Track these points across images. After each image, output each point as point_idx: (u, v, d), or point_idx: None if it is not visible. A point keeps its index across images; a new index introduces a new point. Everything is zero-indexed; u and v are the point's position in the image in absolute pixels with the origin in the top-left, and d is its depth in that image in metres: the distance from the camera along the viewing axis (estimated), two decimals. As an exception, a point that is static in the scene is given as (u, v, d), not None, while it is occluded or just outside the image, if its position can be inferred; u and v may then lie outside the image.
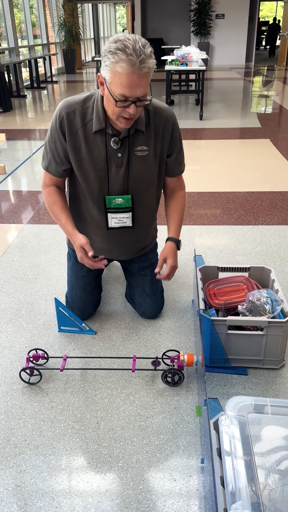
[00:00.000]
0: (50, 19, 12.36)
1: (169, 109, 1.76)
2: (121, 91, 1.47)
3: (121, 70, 1.43)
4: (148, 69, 1.47)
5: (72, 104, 1.66)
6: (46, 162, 1.78)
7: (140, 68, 1.43)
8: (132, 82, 1.45)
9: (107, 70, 1.47)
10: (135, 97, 1.49)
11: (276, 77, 11.80)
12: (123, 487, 1.35)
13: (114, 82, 1.47)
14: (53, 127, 1.69)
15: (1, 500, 1.31)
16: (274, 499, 1.07)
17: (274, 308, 1.78)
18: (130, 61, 1.41)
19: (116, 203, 1.81)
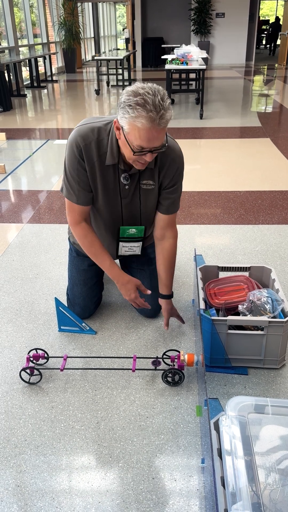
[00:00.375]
0: (50, 18, 12.35)
1: (178, 150, 1.76)
2: (139, 143, 1.50)
3: (140, 125, 1.45)
4: (166, 122, 1.49)
5: (88, 134, 1.65)
6: (75, 195, 1.73)
7: (159, 124, 1.45)
8: (151, 136, 1.48)
9: (125, 121, 1.48)
10: (152, 147, 1.52)
11: (277, 76, 11.79)
12: (124, 487, 1.35)
13: (132, 134, 1.50)
14: (72, 156, 1.67)
15: (1, 500, 1.31)
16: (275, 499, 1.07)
17: (274, 307, 1.77)
18: (150, 118, 1.43)
19: (129, 233, 1.88)
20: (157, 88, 1.46)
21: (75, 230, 1.81)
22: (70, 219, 1.80)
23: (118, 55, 9.34)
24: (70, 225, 1.83)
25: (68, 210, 1.80)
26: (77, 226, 1.80)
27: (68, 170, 1.71)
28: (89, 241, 1.80)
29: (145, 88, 1.45)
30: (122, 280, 1.83)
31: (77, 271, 2.05)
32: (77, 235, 1.82)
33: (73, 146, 1.66)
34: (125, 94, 1.48)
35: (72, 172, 1.70)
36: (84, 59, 15.89)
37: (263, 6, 25.32)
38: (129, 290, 1.84)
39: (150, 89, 1.44)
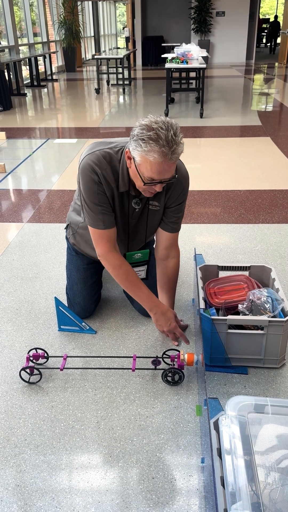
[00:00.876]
0: (50, 17, 12.33)
1: (184, 170, 1.78)
2: (150, 176, 1.53)
3: (152, 159, 1.48)
4: (178, 156, 1.51)
5: (101, 161, 1.64)
6: (101, 220, 1.70)
7: (171, 158, 1.48)
8: (162, 169, 1.51)
9: (138, 154, 1.50)
10: (162, 179, 1.55)
11: (277, 75, 11.78)
12: (123, 486, 1.35)
13: (144, 166, 1.52)
14: (91, 183, 1.65)
15: (1, 500, 1.31)
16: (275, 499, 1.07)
17: (274, 307, 1.77)
18: (162, 152, 1.45)
19: (135, 258, 1.90)
20: (170, 122, 1.48)
21: (108, 258, 1.75)
22: (102, 249, 1.75)
23: (118, 54, 9.34)
24: (101, 255, 1.76)
25: (96, 240, 1.75)
26: (110, 254, 1.75)
27: (88, 199, 1.69)
28: (125, 271, 1.76)
29: (158, 123, 1.46)
30: (161, 309, 1.80)
31: (76, 270, 2.05)
32: (111, 265, 1.76)
33: (91, 173, 1.64)
34: (138, 128, 1.49)
35: (93, 200, 1.68)
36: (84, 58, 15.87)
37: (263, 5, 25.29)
38: (170, 319, 1.80)
39: (164, 124, 1.46)
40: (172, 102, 7.77)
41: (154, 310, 1.81)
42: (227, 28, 14.52)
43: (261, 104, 7.73)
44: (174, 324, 1.81)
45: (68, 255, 2.10)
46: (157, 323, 1.83)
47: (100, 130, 5.96)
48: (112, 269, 1.77)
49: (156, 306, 1.81)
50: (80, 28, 12.67)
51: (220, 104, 7.63)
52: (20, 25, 10.60)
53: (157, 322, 1.82)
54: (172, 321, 1.81)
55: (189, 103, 7.92)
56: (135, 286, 1.79)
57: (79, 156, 4.75)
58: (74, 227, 1.99)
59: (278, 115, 6.79)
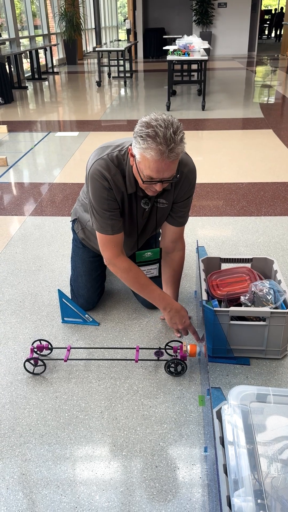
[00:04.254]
0: (50, 9, 12.26)
1: (191, 165, 1.76)
2: (148, 173, 1.51)
3: (149, 157, 1.46)
4: (177, 156, 1.48)
5: (110, 166, 1.63)
6: (110, 225, 1.70)
7: (169, 157, 1.45)
8: (160, 168, 1.48)
9: (137, 151, 1.49)
10: (161, 178, 1.53)
11: (279, 67, 11.70)
12: (127, 475, 1.37)
13: (142, 164, 1.51)
14: (101, 189, 1.65)
15: (7, 488, 1.33)
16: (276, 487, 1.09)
17: (276, 298, 1.78)
18: (159, 150, 1.43)
19: (145, 256, 1.88)
20: (171, 121, 1.45)
21: (117, 263, 1.75)
22: (109, 254, 1.75)
23: (120, 46, 9.29)
24: (109, 261, 1.76)
25: (103, 246, 1.75)
26: (118, 259, 1.74)
27: (98, 205, 1.68)
28: (134, 274, 1.76)
29: (158, 120, 1.43)
30: (175, 307, 1.79)
31: (82, 262, 2.06)
32: (119, 269, 1.76)
33: (101, 180, 1.63)
34: (138, 125, 1.48)
35: (102, 206, 1.67)
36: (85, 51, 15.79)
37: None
38: (184, 316, 1.79)
39: (164, 122, 1.43)
40: (174, 95, 7.74)
41: (168, 308, 1.79)
42: (229, 19, 14.41)
43: (263, 97, 7.69)
44: (189, 321, 1.81)
45: (74, 247, 2.11)
46: (171, 321, 1.81)
47: (101, 123, 5.94)
48: (121, 273, 1.76)
49: (169, 305, 1.79)
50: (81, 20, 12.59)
51: (222, 97, 7.59)
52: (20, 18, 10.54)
53: (171, 320, 1.80)
54: (186, 318, 1.80)
55: (191, 96, 7.89)
56: (146, 288, 1.78)
57: (80, 149, 4.75)
58: (82, 223, 2.00)
59: (281, 108, 6.76)
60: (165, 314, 1.81)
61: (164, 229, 1.91)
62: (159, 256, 1.93)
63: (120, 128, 5.61)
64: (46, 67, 11.46)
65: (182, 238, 1.93)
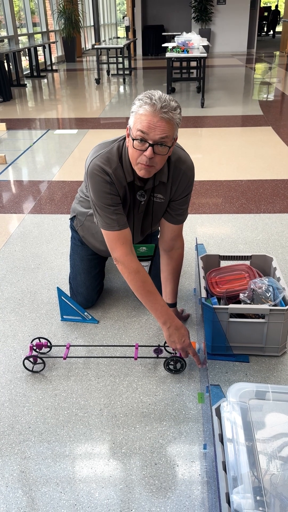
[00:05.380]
0: (49, 7, 12.22)
1: (189, 162, 1.76)
2: (140, 128, 1.51)
3: (143, 111, 1.50)
4: (170, 117, 1.50)
5: (110, 160, 1.63)
6: (115, 221, 1.65)
7: (161, 112, 1.48)
8: (152, 123, 1.49)
9: (132, 116, 1.54)
10: (152, 139, 1.51)
11: (278, 64, 11.68)
12: (126, 472, 1.37)
13: (135, 123, 1.52)
14: (102, 183, 1.63)
15: (6, 486, 1.33)
16: (276, 484, 1.09)
17: (275, 296, 1.78)
18: (153, 105, 1.48)
19: (140, 251, 1.86)
20: (169, 96, 1.53)
21: (126, 263, 1.66)
22: (119, 253, 1.67)
23: (118, 44, 9.26)
24: (119, 259, 1.68)
25: (112, 244, 1.69)
26: (127, 258, 1.67)
27: (100, 202, 1.65)
28: (142, 277, 1.66)
29: (157, 90, 1.53)
30: (176, 324, 1.67)
31: (81, 260, 2.06)
32: (128, 269, 1.67)
33: (102, 174, 1.62)
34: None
35: (105, 202, 1.64)
36: (84, 48, 15.74)
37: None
38: (183, 336, 1.67)
39: (161, 92, 1.52)
40: (173, 92, 7.72)
41: (168, 324, 1.67)
42: (228, 16, 14.36)
43: (262, 94, 7.68)
44: (188, 341, 1.68)
45: (72, 245, 2.11)
46: (169, 339, 1.68)
47: (100, 121, 5.93)
48: (129, 274, 1.67)
49: (170, 320, 1.67)
50: (80, 18, 12.55)
51: (221, 94, 7.58)
52: (19, 15, 10.51)
53: (170, 337, 1.67)
54: (186, 337, 1.67)
55: (190, 93, 7.87)
56: (151, 296, 1.67)
57: (79, 147, 4.75)
58: (81, 219, 2.00)
59: (280, 105, 6.74)
60: (164, 330, 1.69)
61: (162, 227, 1.90)
62: (153, 254, 1.91)
63: (119, 126, 5.60)
64: (45, 65, 11.43)
65: (181, 236, 1.93)
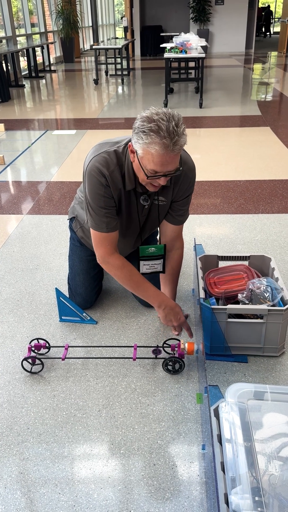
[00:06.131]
0: (47, 7, 12.21)
1: (190, 163, 1.76)
2: (153, 167, 1.50)
3: (154, 151, 1.46)
4: (180, 148, 1.49)
5: (108, 162, 1.63)
6: (104, 223, 1.69)
7: (173, 150, 1.45)
8: (165, 161, 1.48)
9: (139, 146, 1.49)
10: (165, 172, 1.52)
11: (276, 64, 11.69)
12: (125, 473, 1.37)
13: (146, 159, 1.50)
14: (98, 186, 1.64)
15: (5, 487, 1.33)
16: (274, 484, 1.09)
17: (274, 296, 1.78)
18: (164, 144, 1.43)
19: (149, 252, 1.86)
20: (171, 113, 1.46)
21: (110, 261, 1.74)
22: (102, 252, 1.74)
23: (117, 44, 9.26)
24: (102, 259, 1.76)
25: (97, 243, 1.74)
26: (111, 257, 1.74)
27: (93, 202, 1.67)
28: (128, 271, 1.75)
29: (159, 114, 1.44)
30: (170, 304, 1.78)
31: (80, 261, 2.06)
32: (112, 267, 1.75)
33: (98, 176, 1.63)
34: (139, 120, 1.47)
35: (98, 203, 1.67)
36: (83, 49, 15.74)
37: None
38: (178, 313, 1.78)
39: (165, 115, 1.44)
40: (171, 92, 7.73)
41: (162, 306, 1.77)
42: (226, 17, 14.38)
43: (260, 94, 7.69)
44: (183, 318, 1.80)
45: (71, 245, 2.11)
46: (165, 319, 1.79)
47: (99, 121, 5.93)
48: (115, 270, 1.75)
49: (164, 302, 1.78)
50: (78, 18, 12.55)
51: (219, 94, 7.58)
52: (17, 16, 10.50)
53: (166, 317, 1.78)
54: (181, 315, 1.79)
55: (188, 93, 7.88)
56: (140, 285, 1.77)
57: (78, 147, 4.74)
58: (81, 221, 2.00)
59: (278, 105, 6.75)
60: (159, 312, 1.80)
61: (163, 227, 1.90)
62: (164, 252, 1.91)
63: (117, 126, 5.60)
64: (43, 65, 11.42)
65: (181, 237, 1.93)
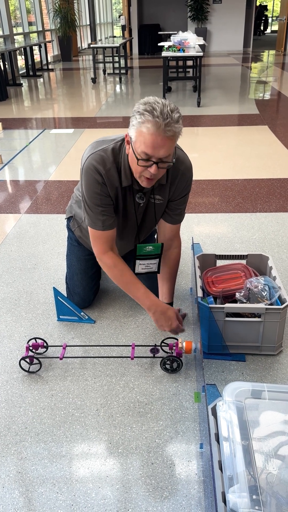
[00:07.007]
0: (45, 6, 12.18)
1: (187, 162, 1.76)
2: (144, 149, 1.50)
3: (146, 130, 1.46)
4: (173, 133, 1.49)
5: (105, 160, 1.63)
6: (100, 221, 1.70)
7: (165, 131, 1.45)
8: (156, 143, 1.47)
9: (134, 129, 1.50)
10: (157, 157, 1.51)
11: (274, 63, 11.69)
12: (123, 472, 1.37)
13: (138, 141, 1.50)
14: (94, 184, 1.64)
15: (3, 487, 1.33)
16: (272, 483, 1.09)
17: (271, 295, 1.78)
18: (156, 123, 1.44)
19: (146, 250, 1.86)
20: (169, 102, 1.48)
21: (103, 259, 1.76)
22: (97, 249, 1.76)
23: (115, 43, 9.24)
24: (97, 256, 1.78)
25: (93, 240, 1.76)
26: (104, 256, 1.76)
27: (90, 200, 1.68)
28: (119, 270, 1.75)
29: (156, 100, 1.48)
30: (161, 308, 1.75)
31: (77, 260, 2.06)
32: (105, 265, 1.77)
33: (95, 174, 1.63)
34: (136, 104, 1.50)
35: (95, 201, 1.67)
36: (80, 47, 15.71)
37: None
38: (170, 318, 1.74)
39: (161, 101, 1.47)
40: (169, 91, 7.72)
41: (153, 309, 1.75)
42: (224, 15, 14.37)
43: (258, 93, 7.69)
44: (176, 323, 1.75)
45: (69, 245, 2.10)
46: (157, 323, 1.77)
47: (96, 120, 5.92)
48: (108, 269, 1.77)
49: (154, 305, 1.75)
50: (76, 17, 12.52)
51: (217, 93, 7.58)
52: (14, 14, 10.48)
53: (157, 322, 1.76)
54: (173, 320, 1.74)
55: (186, 92, 7.88)
56: (131, 285, 1.76)
57: (75, 146, 4.74)
58: (78, 220, 2.00)
59: (276, 104, 6.75)
60: (150, 315, 1.76)
61: (160, 226, 1.90)
62: (160, 252, 1.90)
63: (115, 125, 5.60)
64: (40, 64, 11.40)
65: (178, 236, 1.93)
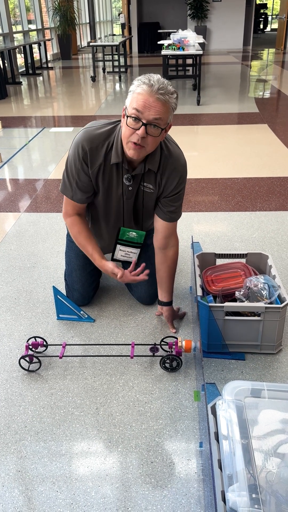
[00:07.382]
0: (44, 4, 12.16)
1: (182, 159, 1.77)
2: (134, 106, 1.54)
3: (140, 90, 1.54)
4: (166, 100, 1.54)
5: (94, 139, 1.69)
6: (71, 191, 1.79)
7: (158, 93, 1.52)
8: (148, 102, 1.53)
9: (130, 95, 1.58)
10: (146, 119, 1.53)
11: (274, 61, 11.68)
12: (123, 471, 1.37)
13: (131, 102, 1.56)
14: (75, 157, 1.71)
15: (3, 485, 1.33)
16: (271, 481, 1.09)
17: (271, 293, 1.78)
18: (150, 86, 1.52)
19: (129, 236, 1.87)
20: (167, 81, 1.56)
21: (66, 221, 1.88)
22: (64, 211, 1.88)
23: (114, 41, 9.23)
24: (63, 216, 1.89)
25: (64, 202, 1.87)
26: (68, 218, 1.87)
27: (70, 168, 1.75)
28: (77, 230, 1.85)
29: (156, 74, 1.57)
30: (105, 268, 1.82)
31: (76, 256, 2.06)
32: (67, 226, 1.90)
33: (79, 148, 1.70)
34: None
35: (72, 171, 1.75)
36: (80, 45, 15.68)
37: (260, -10, 25.01)
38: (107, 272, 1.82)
39: (160, 76, 1.56)
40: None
41: (102, 269, 1.85)
42: (224, 13, 14.34)
43: (258, 91, 7.68)
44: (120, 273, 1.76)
45: (68, 241, 2.10)
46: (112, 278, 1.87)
47: (96, 118, 5.89)
48: (69, 228, 1.89)
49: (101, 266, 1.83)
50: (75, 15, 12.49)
51: (217, 91, 7.57)
52: (14, 12, 10.45)
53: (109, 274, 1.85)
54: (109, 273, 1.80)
55: (186, 90, 7.86)
56: (82, 246, 1.86)
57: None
58: None
59: (276, 102, 6.75)
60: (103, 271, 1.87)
61: (156, 224, 1.90)
62: (142, 241, 1.89)
63: (115, 124, 5.59)
64: (40, 62, 11.39)
65: (175, 234, 1.93)
